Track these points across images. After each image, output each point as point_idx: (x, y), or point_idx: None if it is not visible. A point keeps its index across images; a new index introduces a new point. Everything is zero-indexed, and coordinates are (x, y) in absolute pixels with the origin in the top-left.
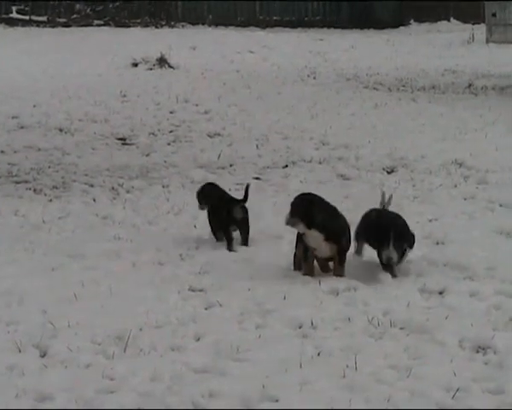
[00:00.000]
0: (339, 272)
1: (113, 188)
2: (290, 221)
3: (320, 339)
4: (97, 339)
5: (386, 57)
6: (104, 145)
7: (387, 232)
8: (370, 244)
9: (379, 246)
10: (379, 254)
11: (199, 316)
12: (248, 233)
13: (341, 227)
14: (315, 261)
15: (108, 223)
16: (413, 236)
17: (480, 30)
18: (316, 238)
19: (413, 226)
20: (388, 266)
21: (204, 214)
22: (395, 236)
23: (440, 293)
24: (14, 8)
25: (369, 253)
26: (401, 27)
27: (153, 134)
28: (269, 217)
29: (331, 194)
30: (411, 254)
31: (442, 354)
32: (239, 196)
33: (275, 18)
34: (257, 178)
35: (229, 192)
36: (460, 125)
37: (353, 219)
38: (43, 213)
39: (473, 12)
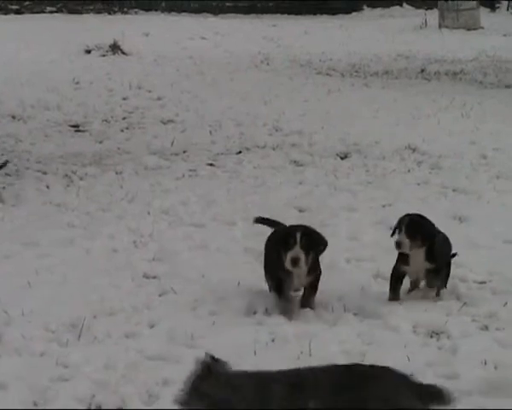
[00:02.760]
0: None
1: (66, 175)
2: (404, 243)
3: (274, 325)
4: (51, 327)
5: (339, 43)
6: (57, 132)
7: None
8: None
9: None
10: None
11: (153, 303)
12: None
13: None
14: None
15: (62, 210)
16: None
17: (433, 15)
18: (419, 261)
19: (366, 212)
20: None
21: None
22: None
23: None
24: None
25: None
26: (354, 13)
27: (106, 121)
28: (222, 203)
29: (285, 180)
30: (366, 238)
31: (396, 339)
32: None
33: (228, 4)
34: (210, 165)
35: None
36: (413, 111)
37: (308, 205)
38: None
39: None
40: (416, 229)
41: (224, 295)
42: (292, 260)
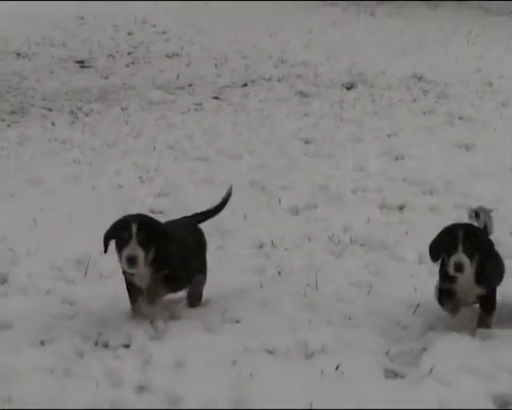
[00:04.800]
0: (485, 322)
1: (71, 112)
2: (466, 264)
3: (281, 258)
4: (57, 264)
5: None
6: (62, 69)
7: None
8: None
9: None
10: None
11: None
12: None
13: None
14: None
15: (67, 147)
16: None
17: None
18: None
19: (372, 142)
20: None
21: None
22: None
23: (400, 208)
24: None
25: None
26: None
27: (111, 56)
28: (228, 137)
29: (290, 112)
30: (372, 168)
31: (402, 270)
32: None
33: None
34: (216, 98)
35: None
36: (419, 39)
37: (314, 136)
38: (1, 139)
39: None
40: (475, 243)
41: (230, 228)
42: (127, 259)
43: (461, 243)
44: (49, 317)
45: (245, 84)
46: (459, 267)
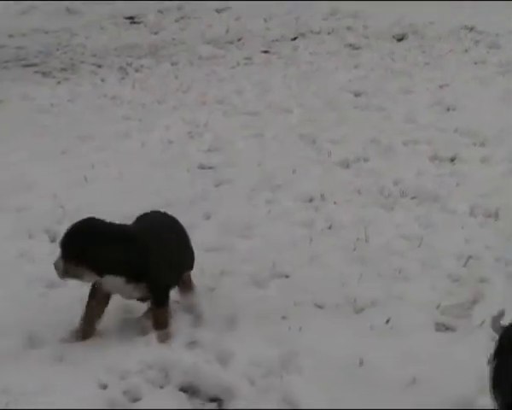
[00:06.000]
0: None
1: (121, 68)
2: None
3: (330, 212)
4: (107, 220)
5: None
6: (112, 25)
7: None
8: None
9: None
10: None
11: (208, 194)
12: None
13: None
14: None
15: (117, 103)
16: None
17: None
18: None
19: (422, 94)
20: None
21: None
22: None
23: (451, 160)
24: None
25: None
26: None
27: (160, 12)
28: (277, 90)
29: (340, 64)
30: (422, 120)
31: (453, 222)
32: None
33: None
34: (265, 52)
35: None
36: None
37: (364, 88)
38: (51, 97)
39: None
40: None
41: (279, 183)
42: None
43: None
44: None
45: (294, 38)
46: None
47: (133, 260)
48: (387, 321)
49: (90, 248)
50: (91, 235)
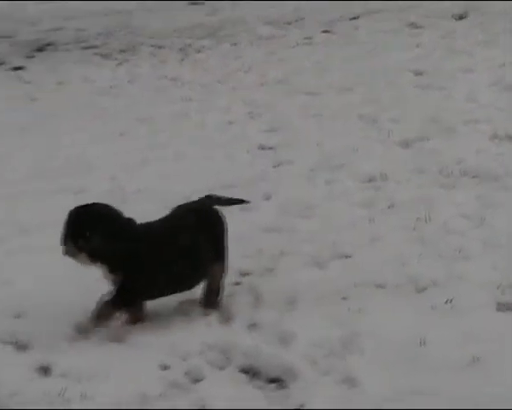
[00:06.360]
0: None
1: (181, 49)
2: None
3: (390, 192)
4: (167, 203)
5: None
6: (172, 6)
7: None
8: None
9: None
10: None
11: (268, 174)
12: None
13: None
14: None
15: (177, 84)
16: None
17: None
18: None
19: (483, 73)
20: None
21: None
22: None
23: (511, 137)
24: None
25: None
26: None
27: None
28: (336, 69)
29: (401, 44)
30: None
31: None
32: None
33: None
34: (325, 31)
35: None
36: None
37: (425, 68)
38: (111, 78)
39: None
40: None
41: (339, 163)
42: None
43: None
44: None
45: (355, 17)
46: None
47: (119, 254)
48: (448, 301)
49: (86, 233)
50: (91, 221)
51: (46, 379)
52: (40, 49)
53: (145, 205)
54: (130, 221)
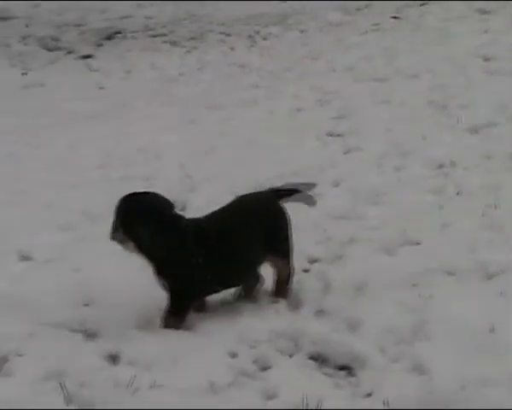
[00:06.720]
0: None
1: (249, 36)
2: None
3: (460, 178)
4: (236, 190)
5: None
6: None
7: None
8: None
9: None
10: None
11: (337, 161)
12: None
13: None
14: None
15: (246, 71)
16: None
17: None
18: None
19: None
20: None
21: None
22: None
23: None
24: None
25: None
26: None
27: None
28: (405, 56)
29: (469, 29)
30: None
31: None
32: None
33: None
34: (394, 18)
35: None
36: None
37: (494, 53)
38: (180, 66)
39: None
40: None
41: (409, 149)
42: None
43: None
44: None
45: (423, 3)
46: None
47: (163, 256)
48: None
49: (133, 222)
50: (138, 210)
51: (115, 367)
52: (109, 38)
53: (214, 193)
54: (177, 217)
